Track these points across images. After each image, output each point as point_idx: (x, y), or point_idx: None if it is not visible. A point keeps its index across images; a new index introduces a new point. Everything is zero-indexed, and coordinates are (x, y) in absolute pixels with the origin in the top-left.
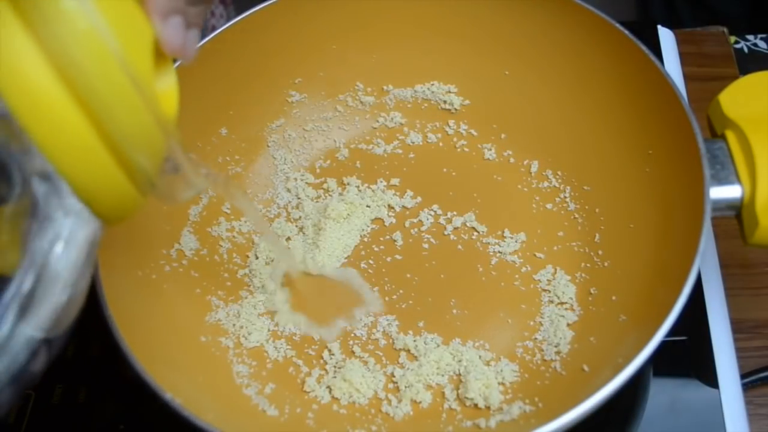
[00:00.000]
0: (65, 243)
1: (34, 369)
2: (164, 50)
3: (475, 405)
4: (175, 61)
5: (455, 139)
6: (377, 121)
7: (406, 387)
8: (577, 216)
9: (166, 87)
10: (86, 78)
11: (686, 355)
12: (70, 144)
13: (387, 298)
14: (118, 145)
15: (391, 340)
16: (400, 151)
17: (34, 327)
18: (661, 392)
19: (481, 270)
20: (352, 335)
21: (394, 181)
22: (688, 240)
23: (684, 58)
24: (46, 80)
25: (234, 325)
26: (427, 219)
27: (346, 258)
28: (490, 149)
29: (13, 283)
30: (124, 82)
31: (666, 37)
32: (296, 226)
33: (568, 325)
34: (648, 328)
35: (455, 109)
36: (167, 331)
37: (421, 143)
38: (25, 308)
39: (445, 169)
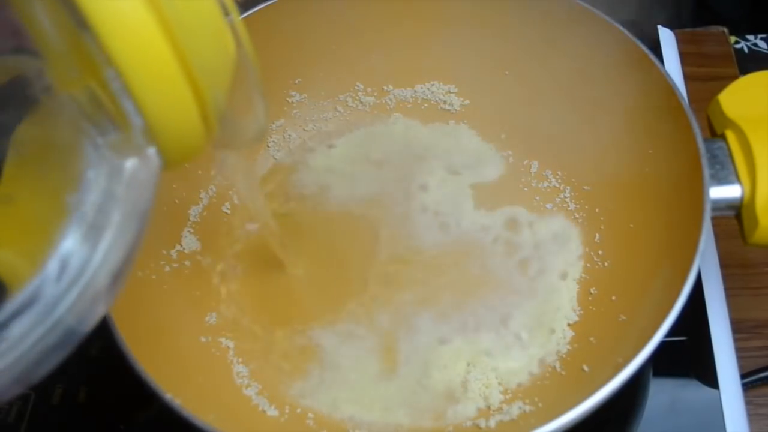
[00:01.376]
0: (128, 183)
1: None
2: None
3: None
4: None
5: None
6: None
7: None
8: (577, 216)
9: None
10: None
11: (686, 355)
12: (153, 70)
13: None
14: (199, 76)
15: None
16: None
17: (71, 303)
18: (661, 392)
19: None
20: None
21: None
22: (688, 240)
23: (684, 58)
24: (133, 3)
25: (234, 325)
26: None
27: None
28: (491, 149)
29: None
30: (214, 7)
31: (666, 37)
32: None
33: (568, 325)
34: (648, 328)
35: (455, 109)
36: (167, 331)
37: None
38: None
39: None
